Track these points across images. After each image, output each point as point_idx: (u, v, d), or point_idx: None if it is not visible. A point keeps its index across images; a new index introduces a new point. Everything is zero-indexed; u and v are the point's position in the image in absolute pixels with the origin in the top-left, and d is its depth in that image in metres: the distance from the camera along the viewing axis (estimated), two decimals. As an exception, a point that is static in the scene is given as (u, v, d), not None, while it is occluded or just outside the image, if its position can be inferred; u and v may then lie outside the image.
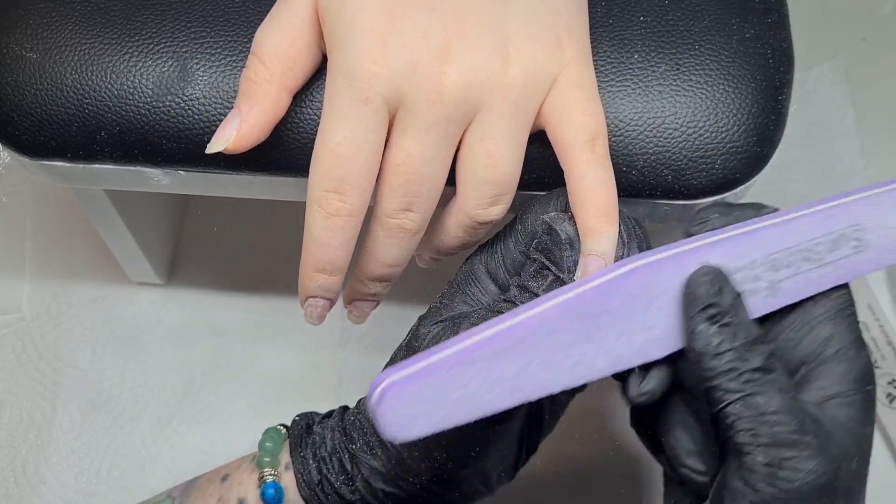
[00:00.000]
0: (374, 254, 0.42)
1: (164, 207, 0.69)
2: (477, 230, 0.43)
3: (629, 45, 0.46)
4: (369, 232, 0.42)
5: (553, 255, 0.40)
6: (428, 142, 0.40)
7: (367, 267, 0.43)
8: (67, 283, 0.70)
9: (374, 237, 0.42)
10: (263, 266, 0.70)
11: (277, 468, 0.45)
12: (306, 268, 0.42)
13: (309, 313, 0.43)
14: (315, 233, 0.40)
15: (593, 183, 0.40)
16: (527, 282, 0.41)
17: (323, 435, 0.45)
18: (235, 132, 0.41)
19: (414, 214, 0.41)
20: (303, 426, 0.46)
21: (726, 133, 0.45)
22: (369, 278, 0.44)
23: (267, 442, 0.45)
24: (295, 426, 0.46)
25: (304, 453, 0.45)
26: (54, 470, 0.64)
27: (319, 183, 0.40)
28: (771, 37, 0.47)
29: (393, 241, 0.42)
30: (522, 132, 0.41)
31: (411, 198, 0.40)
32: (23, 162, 0.48)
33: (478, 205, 0.41)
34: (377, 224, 0.42)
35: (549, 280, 0.40)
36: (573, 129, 0.40)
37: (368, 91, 0.39)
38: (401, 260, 0.43)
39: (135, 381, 0.67)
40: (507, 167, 0.41)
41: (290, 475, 0.44)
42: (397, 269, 0.43)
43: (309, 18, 0.41)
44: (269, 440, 0.45)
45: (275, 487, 0.44)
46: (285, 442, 0.46)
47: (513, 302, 0.41)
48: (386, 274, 0.43)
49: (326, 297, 0.43)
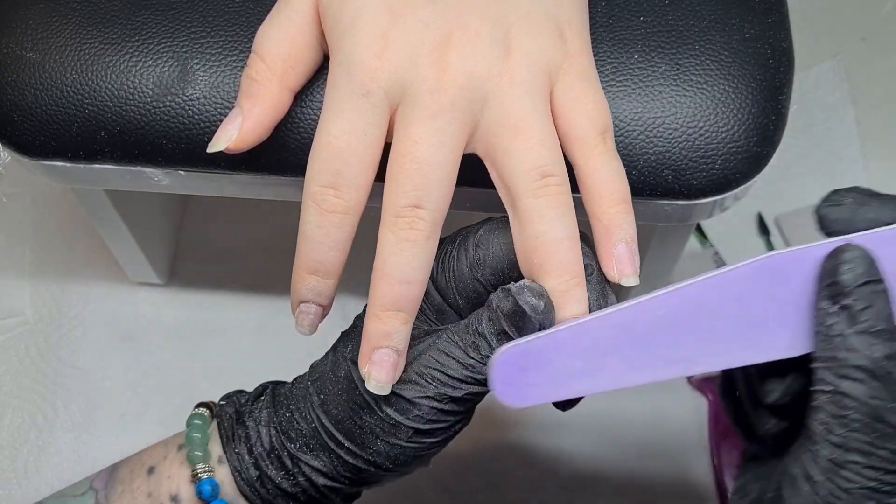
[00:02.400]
0: (384, 270, 0.38)
1: (164, 207, 0.69)
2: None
3: (629, 45, 0.46)
4: (378, 243, 0.39)
5: (523, 329, 0.38)
6: (434, 127, 0.38)
7: (379, 290, 0.38)
8: (68, 284, 0.70)
9: (384, 245, 0.38)
10: (263, 266, 0.70)
11: (209, 461, 0.43)
12: (299, 269, 0.40)
13: (300, 321, 0.41)
14: (309, 230, 0.39)
15: (611, 174, 0.40)
16: (490, 337, 0.39)
17: (258, 430, 0.43)
18: (237, 131, 0.41)
19: (424, 212, 0.38)
20: (231, 415, 0.44)
21: (726, 133, 0.45)
22: (382, 306, 0.38)
23: (194, 432, 0.43)
24: (223, 414, 0.44)
25: (238, 449, 0.43)
26: (56, 471, 0.64)
27: (316, 178, 0.39)
28: (771, 37, 0.47)
29: (404, 246, 0.38)
30: (546, 112, 0.40)
31: (420, 191, 0.38)
32: (23, 162, 0.48)
33: (529, 182, 0.39)
34: (385, 228, 0.38)
35: None
36: (585, 123, 0.40)
37: (370, 84, 0.38)
38: (414, 274, 0.38)
39: (135, 382, 0.67)
40: (543, 143, 0.39)
41: (224, 469, 0.43)
42: (413, 289, 0.38)
43: (310, 16, 0.41)
44: (197, 430, 0.43)
45: (211, 484, 0.42)
46: (212, 428, 0.44)
47: (468, 351, 0.39)
48: (401, 296, 0.38)
49: (319, 303, 0.41)
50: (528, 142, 0.39)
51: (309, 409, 0.42)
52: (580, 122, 0.40)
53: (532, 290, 0.38)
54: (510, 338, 0.38)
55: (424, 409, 0.40)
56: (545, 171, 0.38)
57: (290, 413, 0.43)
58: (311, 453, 0.42)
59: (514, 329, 0.38)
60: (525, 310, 0.38)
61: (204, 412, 0.45)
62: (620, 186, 0.40)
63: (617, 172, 0.40)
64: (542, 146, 0.39)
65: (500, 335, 0.38)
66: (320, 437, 0.42)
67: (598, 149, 0.40)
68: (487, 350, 0.38)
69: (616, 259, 0.39)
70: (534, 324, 0.38)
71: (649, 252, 0.57)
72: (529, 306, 0.38)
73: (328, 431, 0.41)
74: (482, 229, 0.41)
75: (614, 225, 0.40)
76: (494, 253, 0.40)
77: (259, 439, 0.43)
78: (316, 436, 0.42)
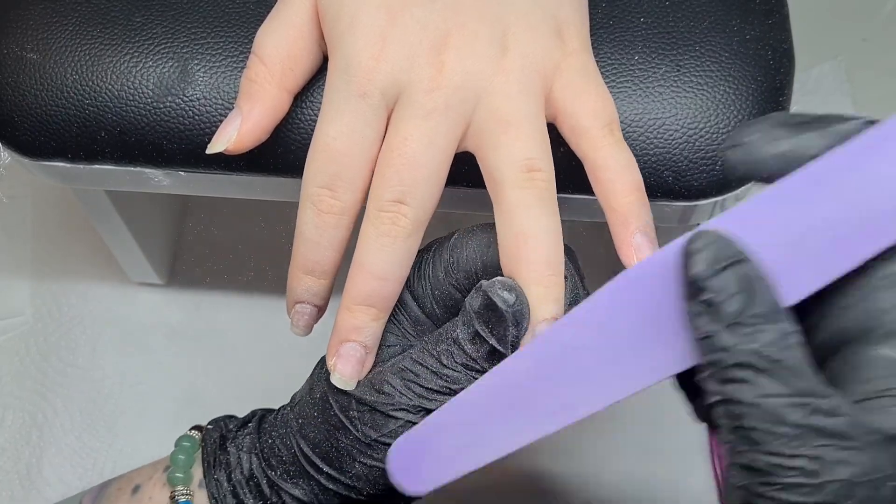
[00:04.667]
0: (361, 262, 0.38)
1: (164, 207, 0.69)
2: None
3: (630, 47, 0.46)
4: (360, 235, 0.39)
5: (496, 329, 0.37)
6: (426, 126, 0.38)
7: (354, 283, 0.38)
8: (68, 284, 0.70)
9: (364, 239, 0.38)
10: (263, 266, 0.70)
11: (190, 484, 0.42)
12: (295, 269, 0.40)
13: (296, 321, 0.41)
14: (305, 231, 0.39)
15: (622, 164, 0.39)
16: (464, 342, 0.37)
17: (238, 457, 0.42)
18: (236, 132, 0.41)
19: (407, 209, 0.38)
20: (216, 440, 0.43)
21: (727, 134, 0.45)
22: (355, 300, 0.38)
23: (179, 454, 0.43)
24: (208, 438, 0.43)
25: (217, 475, 0.42)
26: (58, 471, 0.64)
27: (313, 179, 0.39)
28: (772, 38, 0.47)
29: (384, 241, 0.38)
30: (539, 110, 0.39)
31: (405, 187, 0.38)
32: (23, 162, 0.48)
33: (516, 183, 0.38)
34: (368, 222, 0.38)
35: (487, 350, 0.37)
36: (589, 115, 0.40)
37: (367, 86, 0.38)
38: (391, 271, 0.38)
39: (136, 381, 0.67)
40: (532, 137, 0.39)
41: (203, 494, 0.42)
42: (387, 286, 0.38)
43: (309, 18, 0.41)
44: (182, 451, 0.43)
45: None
46: (199, 452, 0.43)
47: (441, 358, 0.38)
48: (374, 291, 0.38)
49: (314, 304, 0.41)
50: (517, 136, 0.38)
51: (289, 435, 0.41)
52: (583, 115, 0.40)
53: (503, 283, 0.37)
54: (484, 341, 0.37)
55: (399, 422, 0.38)
56: (532, 165, 0.38)
57: (272, 440, 0.42)
58: (291, 481, 0.41)
59: (487, 327, 0.37)
60: (496, 303, 0.36)
61: (194, 434, 0.44)
62: (633, 175, 0.39)
63: (627, 161, 0.40)
64: (531, 140, 0.38)
65: (475, 338, 0.37)
66: (300, 464, 0.41)
67: (606, 140, 0.40)
68: (462, 357, 0.37)
69: (636, 249, 0.39)
70: (506, 319, 0.36)
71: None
72: (500, 299, 0.36)
73: (307, 457, 0.40)
74: (456, 234, 0.40)
75: (631, 214, 0.39)
76: (468, 256, 0.39)
77: (239, 466, 0.42)
78: (296, 462, 0.41)
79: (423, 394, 0.38)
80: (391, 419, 0.38)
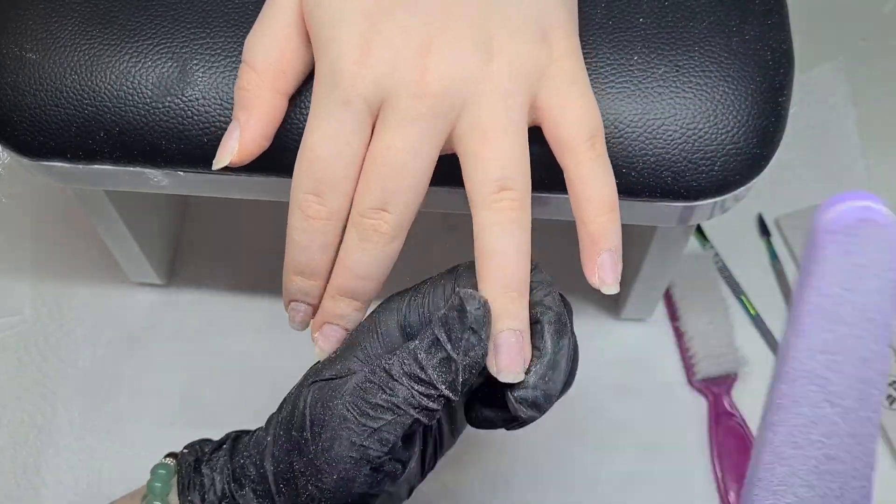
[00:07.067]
0: (345, 261, 0.40)
1: (164, 207, 0.69)
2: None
3: (629, 47, 0.46)
4: (344, 237, 0.40)
5: (454, 332, 0.38)
6: (411, 134, 0.38)
7: (337, 278, 0.41)
8: (68, 284, 0.70)
9: (347, 241, 0.40)
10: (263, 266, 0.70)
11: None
12: (287, 270, 0.42)
13: (292, 317, 0.43)
14: (294, 235, 0.40)
15: (599, 182, 0.40)
16: (419, 350, 0.38)
17: (212, 478, 0.43)
18: (237, 144, 0.41)
19: (389, 216, 0.39)
20: (191, 463, 0.44)
21: (726, 134, 0.45)
22: (339, 291, 0.41)
23: (156, 482, 0.43)
24: (183, 462, 0.44)
25: (191, 497, 0.43)
26: (55, 472, 0.64)
27: (299, 185, 0.40)
28: (771, 38, 0.47)
29: (366, 246, 0.40)
30: (520, 120, 0.40)
31: (388, 195, 0.39)
32: (23, 162, 0.48)
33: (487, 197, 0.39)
34: (351, 226, 0.40)
35: (440, 358, 0.38)
36: (573, 127, 0.40)
37: (350, 92, 0.38)
38: (372, 272, 0.40)
39: (135, 382, 0.67)
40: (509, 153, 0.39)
41: None
42: (368, 284, 0.41)
43: (295, 20, 0.41)
44: (158, 479, 0.43)
45: None
46: (175, 478, 0.44)
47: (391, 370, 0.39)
48: (356, 288, 0.41)
49: (307, 303, 0.42)
50: (494, 150, 0.39)
51: (259, 455, 0.42)
52: (567, 128, 0.40)
53: (465, 294, 0.38)
54: (440, 347, 0.38)
55: (344, 444, 0.38)
56: (504, 185, 0.39)
57: (243, 460, 0.42)
58: (258, 500, 0.42)
59: (446, 332, 0.38)
60: (464, 305, 0.38)
61: (170, 462, 0.45)
62: (608, 194, 0.40)
63: (605, 179, 0.40)
64: (508, 155, 0.39)
65: (431, 346, 0.38)
66: (266, 483, 0.41)
67: (587, 154, 0.40)
68: (411, 366, 0.38)
69: (599, 267, 0.39)
70: (467, 321, 0.38)
71: (649, 254, 0.57)
72: (469, 303, 0.38)
73: (271, 476, 0.41)
74: (463, 265, 0.41)
75: (600, 234, 0.39)
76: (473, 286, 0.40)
77: (213, 487, 0.43)
78: (263, 482, 0.41)
79: (368, 410, 0.38)
80: (337, 439, 0.38)
